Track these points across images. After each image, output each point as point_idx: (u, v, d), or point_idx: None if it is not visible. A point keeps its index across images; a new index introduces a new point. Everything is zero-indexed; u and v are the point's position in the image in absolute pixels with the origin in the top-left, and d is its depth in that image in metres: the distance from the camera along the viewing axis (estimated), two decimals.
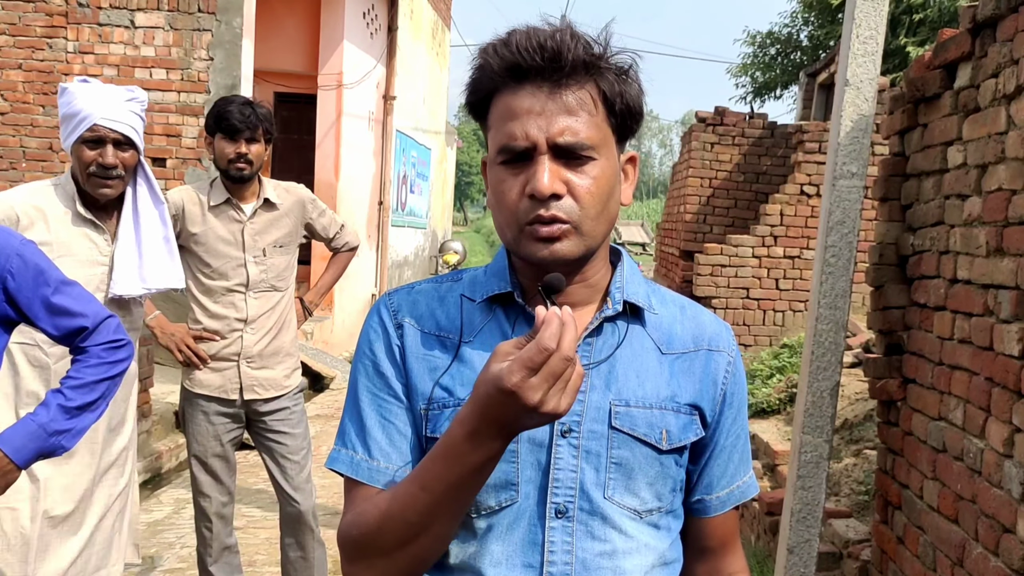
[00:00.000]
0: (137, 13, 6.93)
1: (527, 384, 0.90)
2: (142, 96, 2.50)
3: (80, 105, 2.38)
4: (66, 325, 1.93)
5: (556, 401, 0.92)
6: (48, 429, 1.86)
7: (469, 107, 1.13)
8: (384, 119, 11.51)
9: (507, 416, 0.94)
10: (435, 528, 1.02)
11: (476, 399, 0.95)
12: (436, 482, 0.99)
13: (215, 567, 3.28)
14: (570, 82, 1.05)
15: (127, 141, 2.44)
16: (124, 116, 2.42)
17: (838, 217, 3.17)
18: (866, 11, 3.10)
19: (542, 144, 1.04)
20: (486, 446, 0.96)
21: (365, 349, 1.16)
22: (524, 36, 1.04)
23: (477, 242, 31.36)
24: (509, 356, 0.93)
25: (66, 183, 2.50)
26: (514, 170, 1.06)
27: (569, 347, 0.90)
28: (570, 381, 0.92)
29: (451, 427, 0.98)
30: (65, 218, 2.45)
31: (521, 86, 1.05)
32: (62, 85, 2.45)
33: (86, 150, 2.40)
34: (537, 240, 1.05)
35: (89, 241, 2.49)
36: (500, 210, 1.09)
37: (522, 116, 1.04)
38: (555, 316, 0.91)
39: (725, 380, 1.19)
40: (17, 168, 7.07)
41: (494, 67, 1.06)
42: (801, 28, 16.78)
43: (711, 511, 1.22)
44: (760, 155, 8.72)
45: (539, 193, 1.03)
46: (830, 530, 3.77)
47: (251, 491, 5.11)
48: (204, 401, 3.20)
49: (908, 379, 3.19)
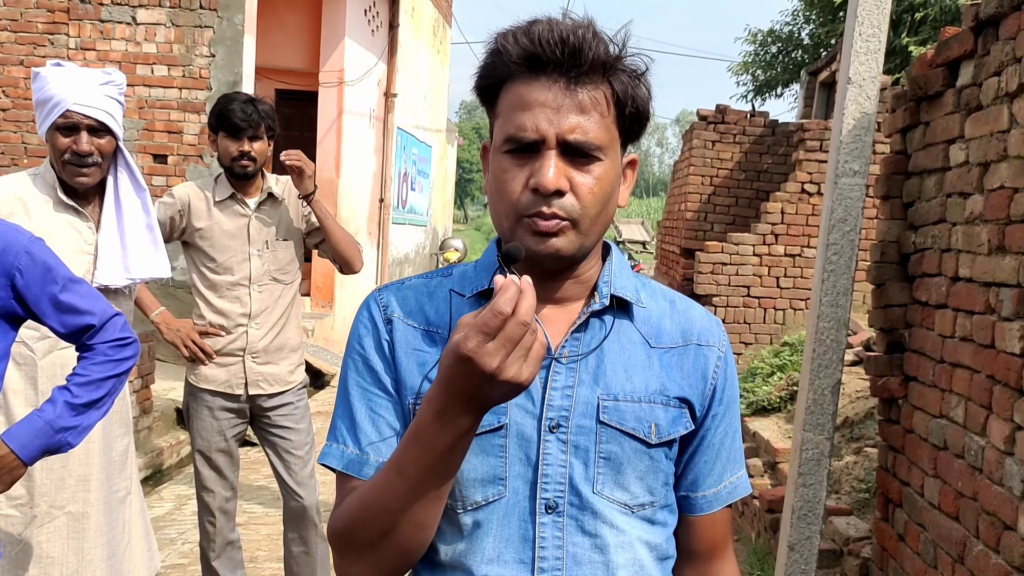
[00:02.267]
0: (139, 9, 6.93)
1: (483, 349, 0.88)
2: (119, 79, 2.39)
3: (53, 90, 2.27)
4: (73, 323, 1.93)
5: (517, 369, 0.89)
6: (55, 426, 1.86)
7: (479, 90, 1.11)
8: (385, 116, 11.51)
9: (469, 387, 0.91)
10: (416, 515, 1.01)
11: (440, 374, 0.94)
12: (411, 466, 0.98)
13: (218, 562, 3.29)
14: (586, 80, 1.04)
15: (103, 127, 2.33)
16: (98, 101, 2.31)
17: (840, 215, 3.18)
18: (869, 9, 3.10)
19: (551, 139, 1.04)
20: (454, 423, 0.94)
21: (355, 344, 1.16)
22: (546, 27, 1.04)
23: (477, 240, 31.34)
24: (468, 325, 0.91)
25: (45, 172, 2.42)
26: (519, 160, 1.06)
27: (526, 312, 0.88)
28: (531, 349, 0.90)
29: (420, 408, 0.97)
30: (46, 207, 2.37)
31: (536, 77, 1.04)
32: (35, 70, 2.34)
33: (60, 137, 2.31)
34: (534, 233, 1.05)
35: (73, 229, 2.42)
36: (500, 198, 1.08)
37: (534, 108, 1.04)
38: (511, 283, 0.90)
39: (715, 375, 1.18)
40: (18, 164, 7.07)
41: (512, 54, 1.05)
42: (802, 26, 16.79)
43: (697, 510, 1.20)
44: (761, 153, 8.72)
45: (544, 188, 1.03)
46: (831, 527, 3.78)
47: (253, 487, 5.13)
48: (209, 396, 3.21)
49: (909, 377, 3.19)
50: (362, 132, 10.63)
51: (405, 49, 12.10)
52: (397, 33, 11.51)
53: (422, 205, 15.07)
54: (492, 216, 1.12)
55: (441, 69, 15.76)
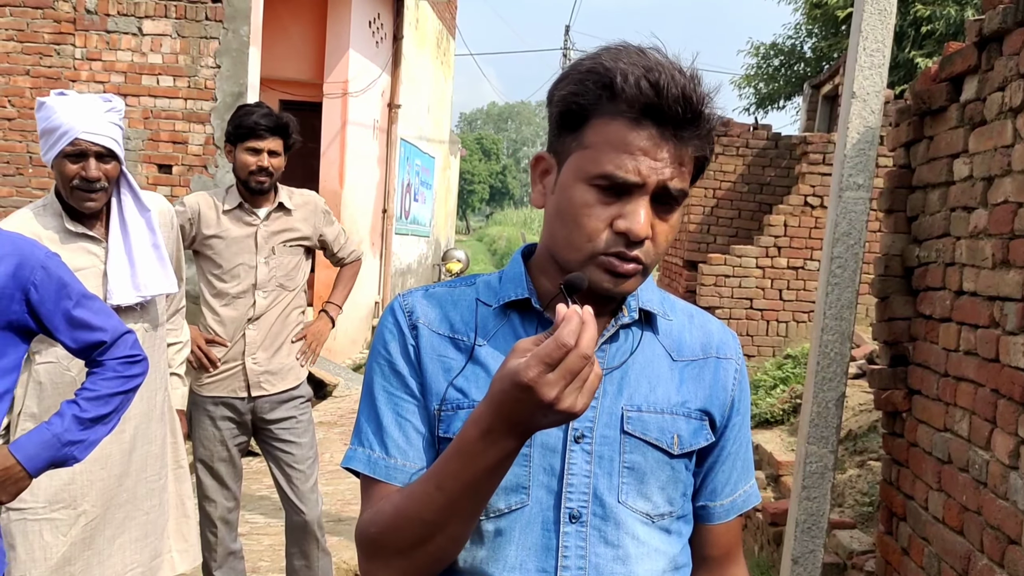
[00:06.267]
0: (145, 20, 6.96)
1: (544, 380, 0.90)
2: (119, 105, 2.47)
3: (60, 119, 2.33)
4: (85, 339, 1.94)
5: (572, 399, 0.91)
6: (62, 439, 1.88)
7: (564, 113, 1.09)
8: (388, 127, 11.54)
9: (522, 413, 0.93)
10: (451, 528, 1.02)
11: (492, 396, 0.95)
12: (451, 481, 0.99)
13: (219, 572, 3.29)
14: (692, 139, 1.06)
15: (109, 153, 2.40)
16: (105, 128, 2.38)
17: (844, 228, 3.18)
18: (873, 24, 3.12)
19: (650, 185, 1.04)
20: (500, 444, 0.96)
21: (380, 349, 1.17)
22: (670, 80, 1.03)
23: (479, 251, 31.38)
24: (527, 352, 0.92)
25: (51, 203, 2.48)
26: (606, 198, 1.06)
27: (588, 345, 0.90)
28: (587, 381, 0.92)
29: (466, 425, 0.98)
30: (56, 237, 2.44)
31: (644, 123, 1.04)
32: (40, 99, 2.40)
33: (68, 164, 2.36)
34: (608, 272, 1.07)
35: (88, 254, 2.48)
36: (575, 230, 1.07)
37: (637, 154, 1.03)
38: (575, 314, 0.91)
39: (734, 387, 1.21)
40: (23, 173, 7.09)
41: (628, 96, 1.03)
42: (805, 40, 16.84)
43: (715, 518, 1.23)
44: (764, 166, 8.73)
45: (635, 236, 1.04)
46: (834, 541, 3.77)
47: (255, 497, 5.12)
48: (211, 405, 3.21)
49: (913, 390, 3.19)
50: (366, 143, 10.65)
51: (409, 60, 12.14)
52: (401, 45, 11.54)
53: (425, 216, 15.09)
54: (555, 240, 1.11)
55: (444, 81, 15.81)
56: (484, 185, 56.08)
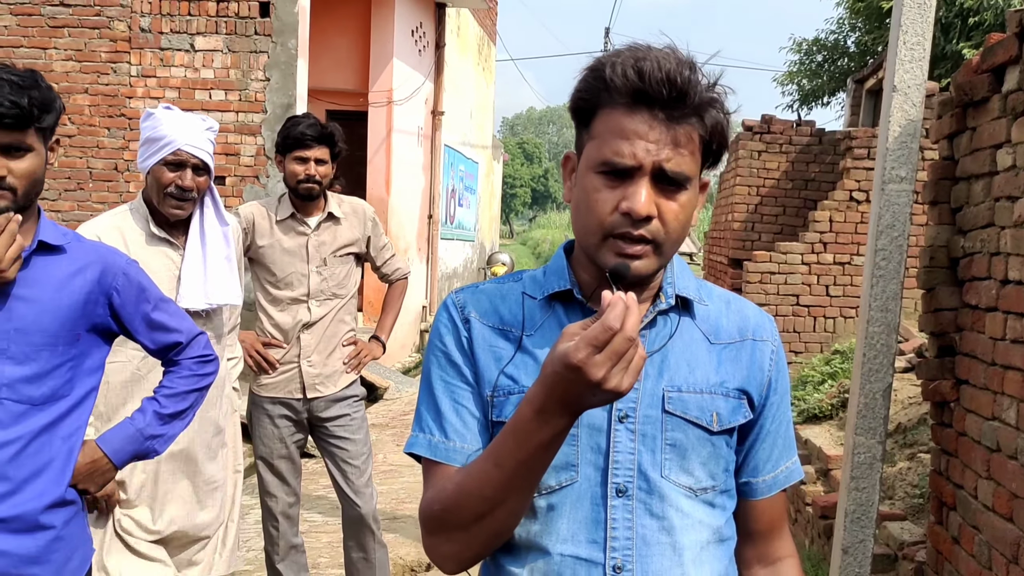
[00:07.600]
0: (197, 37, 7.18)
1: (592, 361, 0.97)
2: (215, 126, 2.69)
3: (165, 130, 2.54)
4: (162, 340, 2.07)
5: (619, 379, 0.98)
6: (145, 433, 2.01)
7: (574, 109, 1.19)
8: (432, 134, 11.69)
9: (572, 392, 1.01)
10: (509, 502, 1.11)
11: (544, 378, 1.03)
12: (508, 458, 1.07)
13: (282, 565, 3.42)
14: (683, 119, 1.12)
15: (204, 167, 2.61)
16: (203, 143, 2.60)
17: (888, 221, 3.21)
18: (913, 17, 3.15)
19: (646, 167, 1.11)
20: (552, 423, 1.04)
21: (436, 342, 1.26)
22: (654, 65, 1.10)
23: (523, 254, 31.44)
24: (576, 336, 1.00)
25: (139, 206, 2.67)
26: (611, 183, 1.14)
27: (632, 328, 0.97)
28: (632, 362, 0.99)
29: (520, 406, 1.06)
30: (140, 238, 2.63)
31: (637, 109, 1.11)
32: (148, 110, 2.61)
33: (166, 172, 2.57)
34: (619, 254, 1.14)
35: (166, 258, 2.65)
36: (588, 215, 1.16)
37: (632, 138, 1.11)
38: (620, 299, 0.98)
39: (771, 367, 1.27)
40: (84, 188, 7.35)
41: (617, 85, 1.11)
42: (848, 34, 16.63)
43: (758, 494, 1.30)
44: (808, 162, 8.69)
45: (636, 213, 1.11)
46: (884, 532, 3.78)
47: (312, 497, 5.26)
48: (269, 404, 3.35)
49: (961, 380, 3.20)
50: (411, 150, 10.81)
51: (451, 67, 12.29)
52: (443, 52, 11.70)
53: (469, 220, 15.23)
54: (576, 229, 1.20)
55: (486, 87, 15.94)
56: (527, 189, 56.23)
